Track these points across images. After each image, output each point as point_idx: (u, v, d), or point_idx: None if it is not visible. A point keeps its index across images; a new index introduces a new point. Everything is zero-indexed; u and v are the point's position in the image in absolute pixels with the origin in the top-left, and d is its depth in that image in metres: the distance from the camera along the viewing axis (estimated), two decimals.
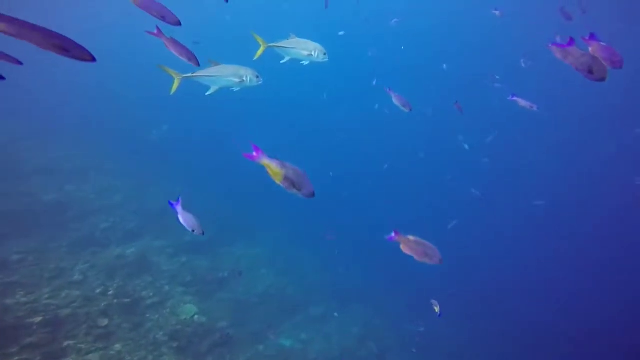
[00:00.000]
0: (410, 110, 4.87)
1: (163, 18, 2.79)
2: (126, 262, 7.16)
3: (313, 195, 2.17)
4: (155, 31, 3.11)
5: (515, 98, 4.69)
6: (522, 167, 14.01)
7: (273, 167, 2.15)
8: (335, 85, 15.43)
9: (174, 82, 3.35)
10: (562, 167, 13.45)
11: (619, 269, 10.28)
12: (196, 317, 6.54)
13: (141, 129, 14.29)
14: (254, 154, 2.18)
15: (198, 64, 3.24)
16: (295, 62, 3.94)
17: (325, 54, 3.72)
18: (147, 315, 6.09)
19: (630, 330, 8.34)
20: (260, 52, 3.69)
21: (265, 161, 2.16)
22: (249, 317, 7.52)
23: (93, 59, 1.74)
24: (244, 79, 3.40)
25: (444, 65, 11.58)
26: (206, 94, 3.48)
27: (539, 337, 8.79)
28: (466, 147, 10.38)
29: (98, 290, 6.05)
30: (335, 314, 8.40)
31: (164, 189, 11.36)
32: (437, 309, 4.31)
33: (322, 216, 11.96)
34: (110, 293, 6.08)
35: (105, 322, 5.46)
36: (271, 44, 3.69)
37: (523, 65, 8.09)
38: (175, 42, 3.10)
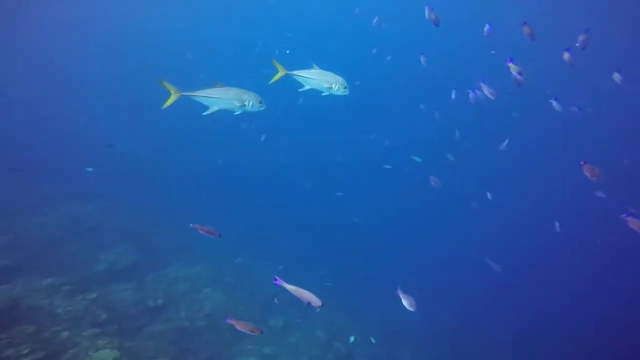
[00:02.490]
0: (414, 310, 4.00)
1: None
2: None
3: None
4: (278, 281, 3.25)
5: None
6: (516, 170, 14.12)
7: None
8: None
9: (169, 97, 3.35)
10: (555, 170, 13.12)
11: (605, 271, 10.48)
12: None
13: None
14: None
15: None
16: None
17: (345, 88, 3.68)
18: None
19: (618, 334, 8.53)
20: (277, 77, 3.66)
21: None
22: (194, 345, 6.05)
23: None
24: (246, 103, 3.43)
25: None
26: (203, 114, 3.49)
27: (531, 338, 8.79)
28: (451, 158, 9.72)
29: None
30: (298, 320, 7.57)
31: (57, 213, 8.63)
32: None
33: (271, 216, 10.84)
34: None
35: None
36: (290, 72, 3.65)
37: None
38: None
